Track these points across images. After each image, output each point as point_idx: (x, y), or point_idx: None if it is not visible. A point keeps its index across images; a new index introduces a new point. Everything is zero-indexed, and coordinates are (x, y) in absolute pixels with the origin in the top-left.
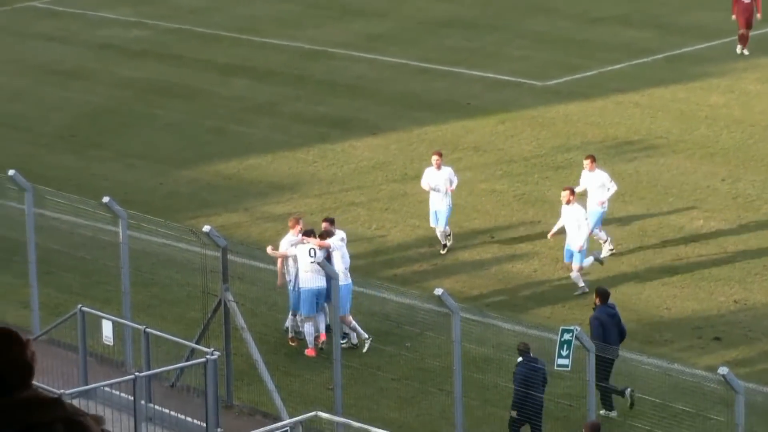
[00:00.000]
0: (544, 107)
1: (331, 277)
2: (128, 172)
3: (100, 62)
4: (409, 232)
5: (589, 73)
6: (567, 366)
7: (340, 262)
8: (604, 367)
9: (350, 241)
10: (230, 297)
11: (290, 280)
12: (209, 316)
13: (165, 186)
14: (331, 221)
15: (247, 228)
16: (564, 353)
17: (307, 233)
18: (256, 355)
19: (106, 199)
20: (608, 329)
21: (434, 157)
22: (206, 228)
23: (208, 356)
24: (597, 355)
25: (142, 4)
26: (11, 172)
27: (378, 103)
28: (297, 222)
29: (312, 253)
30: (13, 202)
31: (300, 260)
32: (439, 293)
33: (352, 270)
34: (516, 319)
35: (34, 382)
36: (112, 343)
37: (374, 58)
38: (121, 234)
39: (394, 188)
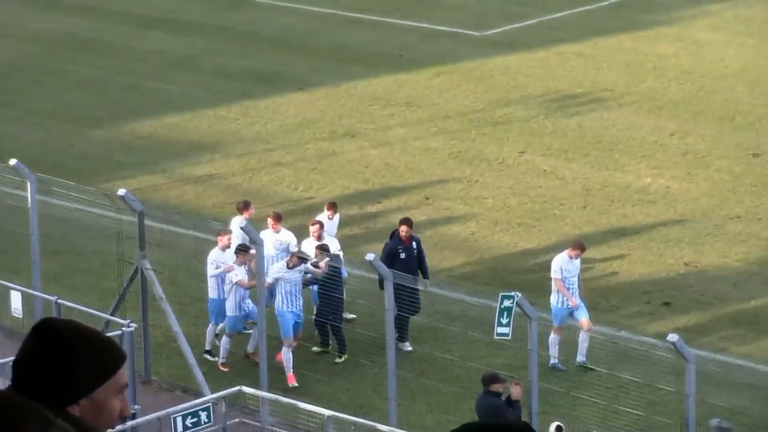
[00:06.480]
0: (482, 59)
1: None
2: (37, 133)
3: (7, 15)
4: (337, 194)
5: (529, 22)
6: (507, 335)
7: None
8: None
9: (276, 204)
10: (147, 265)
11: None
12: (125, 285)
13: (77, 147)
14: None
15: (165, 191)
16: (504, 321)
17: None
18: (176, 327)
19: (13, 162)
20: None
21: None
22: (121, 191)
23: (124, 328)
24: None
25: None
26: None
27: (305, 56)
28: (279, 221)
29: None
30: None
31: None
32: (371, 258)
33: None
34: (452, 285)
35: None
36: (21, 316)
37: (300, 7)
38: (29, 199)
39: (322, 147)
